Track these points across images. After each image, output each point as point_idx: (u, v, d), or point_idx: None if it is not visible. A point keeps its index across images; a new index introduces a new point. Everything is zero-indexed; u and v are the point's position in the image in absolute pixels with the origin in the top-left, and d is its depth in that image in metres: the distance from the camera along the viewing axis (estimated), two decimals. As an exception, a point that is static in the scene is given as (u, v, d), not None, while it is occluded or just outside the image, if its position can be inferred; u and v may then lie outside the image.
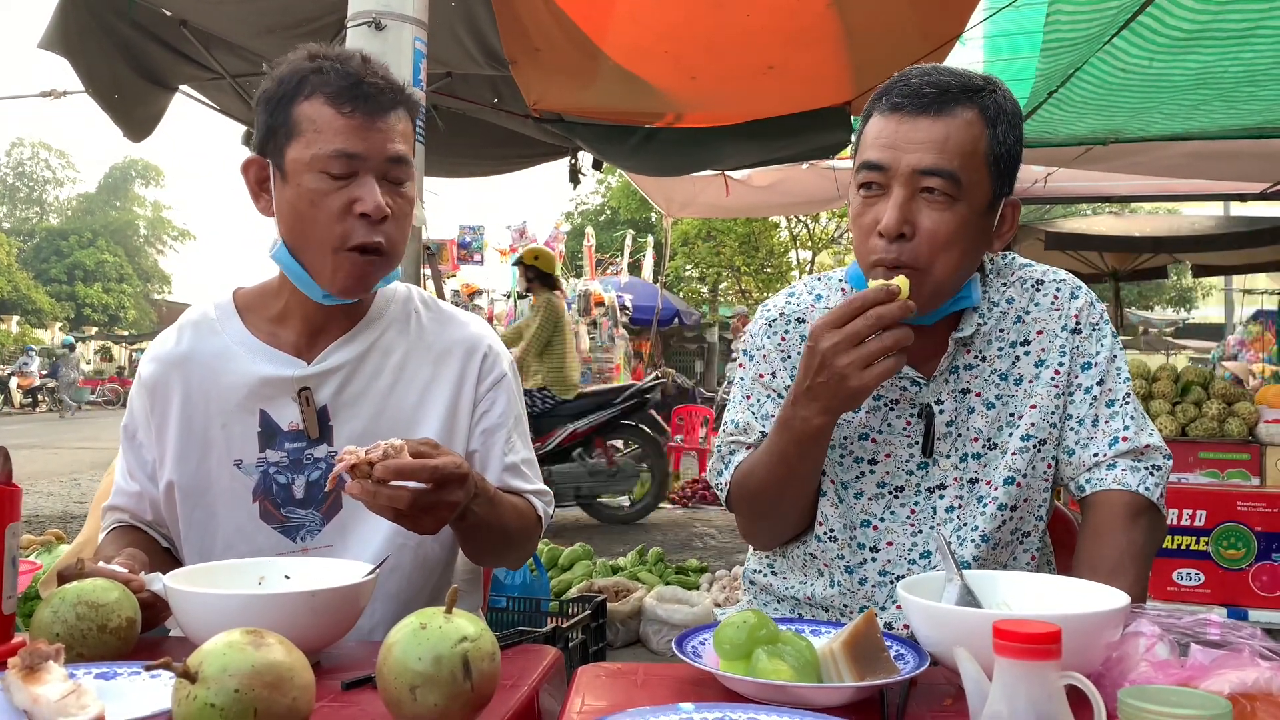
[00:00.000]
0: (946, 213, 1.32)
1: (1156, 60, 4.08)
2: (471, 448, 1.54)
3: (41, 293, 38.63)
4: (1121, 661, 0.98)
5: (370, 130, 1.38)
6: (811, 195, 8.14)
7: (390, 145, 1.39)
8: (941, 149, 1.31)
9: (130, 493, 1.54)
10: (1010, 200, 1.41)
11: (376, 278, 1.45)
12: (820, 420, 1.31)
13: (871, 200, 1.36)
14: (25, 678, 0.91)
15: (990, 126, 1.34)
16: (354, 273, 1.40)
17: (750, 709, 0.91)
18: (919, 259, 1.32)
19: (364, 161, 1.38)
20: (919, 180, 1.32)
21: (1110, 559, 1.35)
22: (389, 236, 1.41)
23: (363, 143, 1.37)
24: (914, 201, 1.32)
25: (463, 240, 10.54)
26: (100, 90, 4.10)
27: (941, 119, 1.32)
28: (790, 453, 1.37)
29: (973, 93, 1.34)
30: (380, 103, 1.39)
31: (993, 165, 1.35)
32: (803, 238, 23.44)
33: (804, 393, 1.30)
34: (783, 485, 1.42)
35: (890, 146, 1.33)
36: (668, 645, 4.06)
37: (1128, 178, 7.35)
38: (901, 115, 1.34)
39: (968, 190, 1.32)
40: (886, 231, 1.32)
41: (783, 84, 4.58)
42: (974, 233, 1.36)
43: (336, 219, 1.38)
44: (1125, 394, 1.47)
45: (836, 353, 1.24)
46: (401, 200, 1.42)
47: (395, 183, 1.41)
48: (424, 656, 0.90)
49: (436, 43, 3.32)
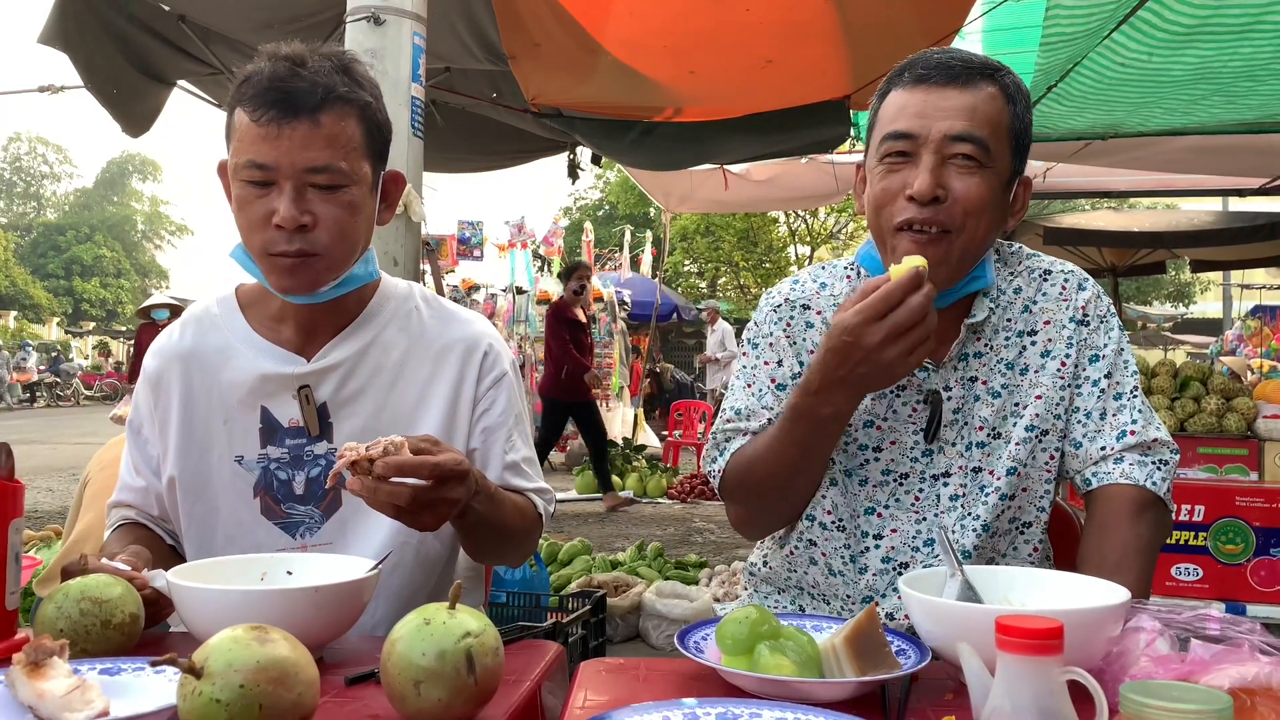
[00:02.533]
0: (975, 177, 1.34)
1: (1156, 55, 4.08)
2: (472, 446, 1.53)
3: (39, 288, 38.58)
4: (1122, 656, 0.99)
5: (282, 139, 1.31)
6: (811, 190, 8.14)
7: (305, 154, 1.32)
8: (971, 116, 1.34)
9: (136, 488, 1.54)
10: (1023, 178, 1.43)
11: (318, 278, 1.39)
12: (848, 406, 1.32)
13: (897, 167, 1.37)
14: (30, 673, 0.91)
15: (1011, 102, 1.37)
16: (284, 276, 1.38)
17: (753, 704, 0.91)
18: (953, 221, 1.33)
19: (276, 171, 1.33)
20: (949, 147, 1.33)
21: (1115, 554, 1.35)
22: (316, 243, 1.35)
23: (273, 152, 1.32)
24: (944, 168, 1.34)
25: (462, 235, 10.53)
26: (99, 85, 4.10)
27: (969, 89, 1.35)
28: (809, 439, 1.36)
29: (993, 70, 1.38)
30: (298, 106, 1.31)
31: (1012, 140, 1.38)
32: (801, 233, 23.44)
33: (835, 382, 1.28)
34: (794, 471, 1.41)
35: (919, 115, 1.35)
36: (667, 640, 4.08)
37: (1126, 173, 7.36)
38: (929, 86, 1.36)
39: (994, 159, 1.35)
40: (920, 195, 1.33)
41: (781, 78, 4.59)
42: (998, 203, 1.38)
43: (258, 227, 1.36)
44: (1133, 387, 1.47)
45: (884, 346, 1.23)
46: (329, 206, 1.35)
47: (325, 188, 1.35)
48: (428, 652, 0.91)
49: (435, 38, 3.32)
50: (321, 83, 1.33)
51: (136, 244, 48.64)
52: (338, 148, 1.34)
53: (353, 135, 1.36)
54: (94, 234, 43.94)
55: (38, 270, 40.83)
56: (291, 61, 1.34)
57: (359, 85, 1.39)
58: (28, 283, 37.65)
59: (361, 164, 1.38)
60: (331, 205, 1.36)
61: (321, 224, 1.35)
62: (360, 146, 1.38)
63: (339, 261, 1.40)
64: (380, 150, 1.44)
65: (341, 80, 1.36)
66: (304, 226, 1.34)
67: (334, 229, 1.36)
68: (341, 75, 1.37)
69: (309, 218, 1.34)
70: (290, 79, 1.32)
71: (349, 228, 1.38)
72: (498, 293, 11.57)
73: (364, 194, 1.40)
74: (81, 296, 41.23)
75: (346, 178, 1.36)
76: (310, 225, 1.35)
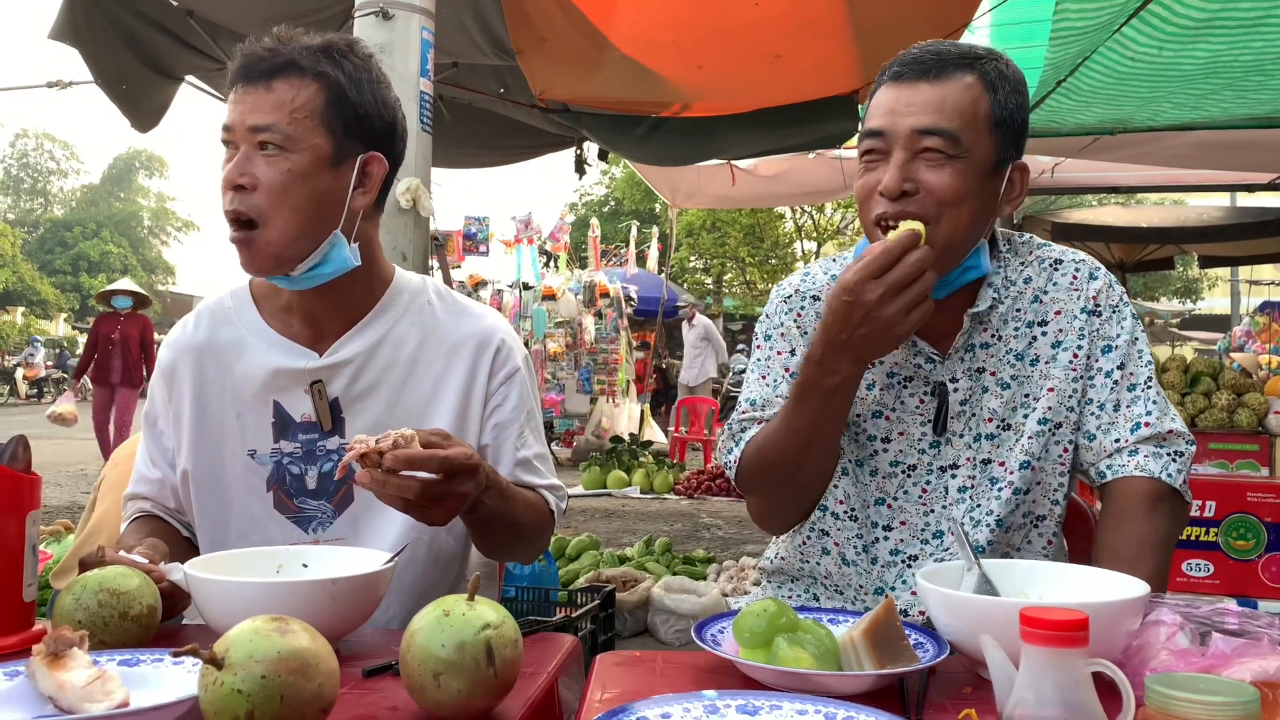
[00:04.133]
0: (946, 169, 1.33)
1: (1166, 49, 4.07)
2: (484, 442, 1.52)
3: (46, 284, 38.67)
4: (1142, 650, 0.98)
5: (241, 103, 1.36)
6: (818, 185, 8.13)
7: (251, 115, 1.35)
8: (939, 110, 1.34)
9: (152, 480, 1.54)
10: (1018, 164, 1.42)
11: (262, 253, 1.38)
12: (851, 371, 1.32)
13: (873, 165, 1.38)
14: (50, 664, 0.92)
15: (991, 90, 1.36)
16: (239, 250, 1.39)
17: (772, 696, 0.91)
18: (927, 212, 1.33)
19: (233, 133, 1.37)
20: (917, 141, 1.34)
21: (1131, 547, 1.34)
22: (251, 205, 1.35)
23: (233, 115, 1.37)
24: (914, 162, 1.34)
25: (468, 231, 10.52)
26: (108, 81, 4.10)
27: (939, 83, 1.35)
28: (817, 413, 1.36)
29: (972, 60, 1.37)
30: (254, 72, 1.36)
31: (995, 128, 1.36)
32: (808, 228, 23.40)
33: (836, 346, 1.29)
34: (806, 448, 1.40)
35: (890, 113, 1.36)
36: (676, 635, 4.08)
37: (1134, 168, 7.33)
38: (902, 83, 1.37)
39: (969, 150, 1.34)
40: (887, 191, 1.34)
41: (790, 73, 4.58)
42: (980, 194, 1.36)
43: (222, 192, 1.39)
44: (1147, 378, 1.46)
45: (883, 303, 1.25)
46: (269, 169, 1.35)
47: (266, 150, 1.35)
48: (447, 643, 0.91)
49: (443, 33, 3.32)
50: (284, 53, 1.37)
51: (143, 240, 48.74)
52: (284, 112, 1.35)
53: (305, 103, 1.36)
54: (100, 230, 44.04)
55: (45, 266, 40.94)
56: (276, 38, 1.38)
57: (332, 61, 1.38)
58: (35, 279, 37.76)
59: (312, 134, 1.37)
60: (271, 169, 1.36)
61: (261, 187, 1.35)
62: (314, 115, 1.37)
63: (285, 235, 1.37)
64: (351, 128, 1.40)
65: (309, 54, 1.37)
66: (241, 187, 1.35)
67: (271, 192, 1.35)
68: (315, 52, 1.38)
69: (247, 178, 1.35)
70: (258, 49, 1.37)
71: (288, 193, 1.36)
72: (504, 288, 11.58)
73: (314, 164, 1.37)
74: (88, 292, 41.29)
75: (289, 142, 1.35)
76: (249, 185, 1.35)
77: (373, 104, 1.43)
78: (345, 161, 1.41)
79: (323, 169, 1.39)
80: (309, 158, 1.37)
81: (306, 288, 1.44)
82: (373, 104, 1.43)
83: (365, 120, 1.42)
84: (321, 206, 1.40)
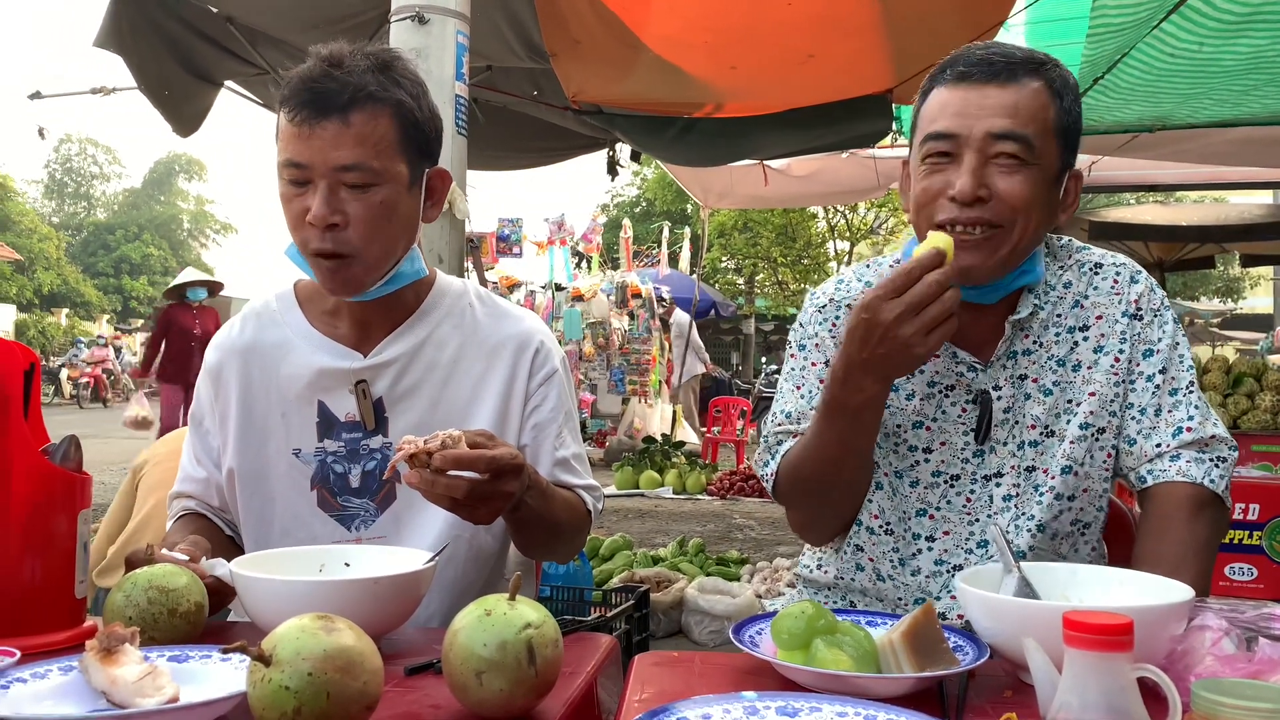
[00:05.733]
0: (1019, 175, 1.32)
1: (1207, 45, 4.00)
2: (523, 442, 1.54)
3: (90, 286, 39.34)
4: (1186, 655, 0.97)
5: (313, 138, 1.34)
6: (851, 185, 8.08)
7: (335, 153, 1.34)
8: (1014, 114, 1.32)
9: (197, 479, 1.57)
10: (1073, 172, 1.42)
11: (358, 280, 1.41)
12: (876, 389, 1.31)
13: (940, 168, 1.36)
14: (103, 660, 0.94)
15: (1056, 97, 1.35)
16: (326, 279, 1.41)
17: (811, 698, 0.91)
18: (1001, 217, 1.33)
19: (310, 170, 1.35)
20: (992, 145, 1.32)
21: (1173, 553, 1.33)
22: (347, 243, 1.37)
23: (305, 151, 1.34)
24: (987, 167, 1.33)
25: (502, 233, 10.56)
26: (151, 86, 4.18)
27: (1011, 86, 1.33)
28: (847, 430, 1.35)
29: (1038, 65, 1.36)
30: (327, 106, 1.34)
31: (1059, 135, 1.36)
32: (841, 228, 23.25)
33: (858, 366, 1.28)
34: (838, 465, 1.40)
35: (961, 114, 1.34)
36: (710, 636, 4.07)
37: (1174, 166, 7.22)
38: (970, 84, 1.34)
39: (1039, 156, 1.33)
40: (962, 195, 1.32)
41: (823, 72, 4.56)
42: (1045, 200, 1.36)
43: (297, 225, 1.39)
44: (1189, 383, 1.44)
45: (901, 322, 1.23)
46: (360, 206, 1.36)
47: (355, 187, 1.36)
48: (489, 642, 0.92)
49: (478, 36, 3.34)
50: (353, 82, 1.35)
51: (183, 242, 49.44)
52: (368, 146, 1.35)
53: (385, 134, 1.37)
54: (142, 233, 44.72)
55: (88, 269, 41.66)
56: (328, 62, 1.36)
57: (395, 83, 1.39)
58: (79, 281, 38.41)
59: (395, 162, 1.39)
60: (362, 204, 1.37)
61: (353, 223, 1.37)
62: (393, 145, 1.38)
63: (375, 261, 1.41)
64: (420, 147, 1.43)
65: (375, 79, 1.37)
66: (335, 225, 1.36)
67: (365, 229, 1.37)
68: (377, 74, 1.37)
69: (340, 217, 1.36)
70: (322, 79, 1.35)
71: (382, 227, 1.39)
72: (536, 290, 11.62)
73: (398, 192, 1.40)
74: (130, 294, 42.01)
75: (378, 176, 1.37)
76: (341, 224, 1.36)
77: (429, 119, 1.46)
78: (417, 182, 1.45)
79: (404, 194, 1.42)
80: (394, 187, 1.40)
81: (372, 298, 1.47)
82: (429, 119, 1.46)
83: (426, 137, 1.45)
84: (407, 230, 1.45)
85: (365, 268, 1.40)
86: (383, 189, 1.38)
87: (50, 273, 35.85)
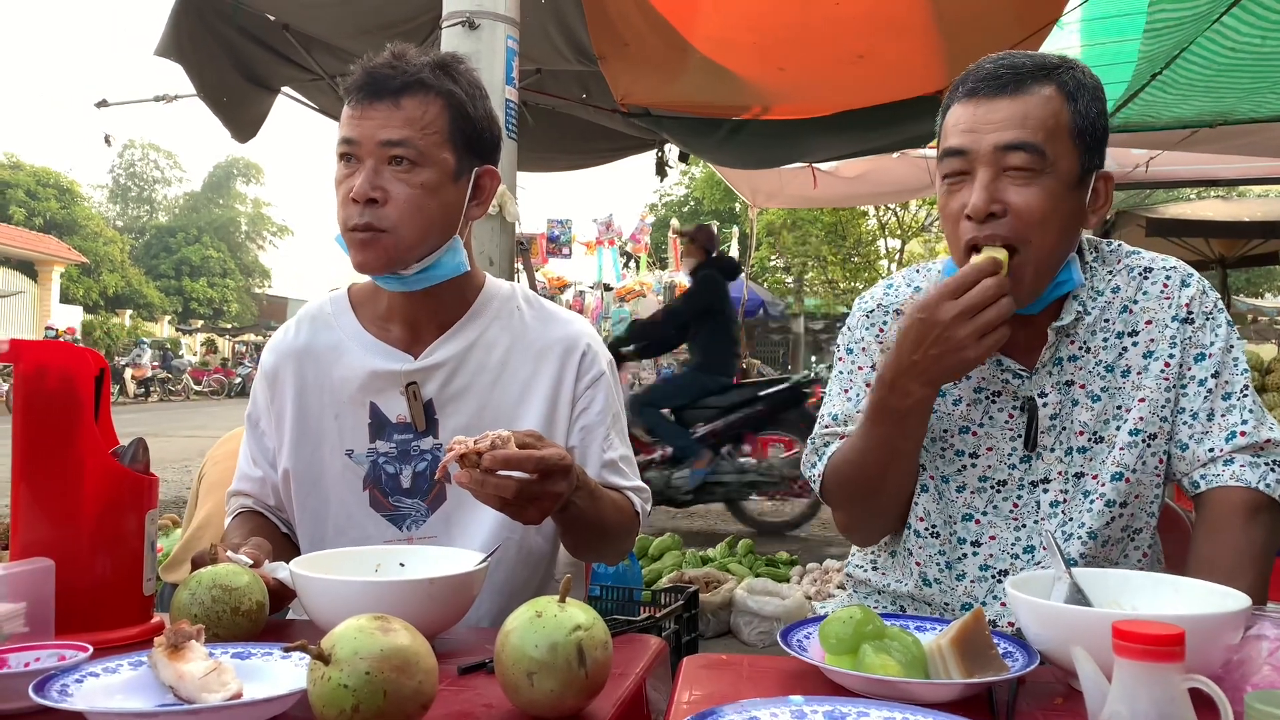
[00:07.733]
0: (1033, 187, 1.31)
1: (1270, 38, 3.90)
2: (571, 444, 1.56)
3: (152, 288, 40.30)
4: (1242, 665, 0.96)
5: (365, 118, 1.41)
6: (902, 184, 8.00)
7: (383, 131, 1.40)
8: (1022, 124, 1.31)
9: (254, 478, 1.61)
10: (1102, 173, 1.39)
11: (389, 255, 1.43)
12: (924, 393, 1.32)
13: (957, 187, 1.36)
14: (170, 655, 0.97)
15: (1070, 100, 1.34)
16: (357, 251, 1.44)
17: (860, 703, 0.91)
18: (1015, 234, 1.32)
19: (359, 147, 1.41)
20: (1002, 158, 1.31)
21: (1228, 559, 1.31)
22: (383, 218, 1.41)
23: (357, 129, 1.41)
24: (999, 181, 1.32)
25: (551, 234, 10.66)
26: (210, 94, 4.28)
27: (1019, 97, 1.32)
28: (893, 434, 1.37)
29: (1049, 70, 1.35)
30: (380, 89, 1.41)
31: (1077, 138, 1.34)
32: (891, 225, 23.01)
33: (908, 368, 1.30)
34: (884, 468, 1.41)
35: (970, 130, 1.34)
36: (759, 637, 4.07)
37: (1235, 159, 7.03)
38: (978, 99, 1.34)
39: (1054, 164, 1.32)
40: (974, 212, 1.32)
41: (873, 73, 4.51)
42: (1066, 208, 1.34)
43: (342, 204, 1.44)
44: (1243, 386, 1.42)
45: (957, 323, 1.26)
46: (402, 184, 1.41)
47: (399, 165, 1.41)
48: (540, 644, 0.94)
49: (527, 40, 3.37)
50: (408, 70, 1.42)
51: (240, 244, 50.43)
52: (415, 128, 1.41)
53: (434, 120, 1.42)
54: (201, 235, 45.70)
55: (150, 271, 42.66)
56: (392, 54, 1.43)
57: (451, 79, 1.45)
58: (141, 283, 39.36)
59: (441, 149, 1.43)
60: (404, 183, 1.41)
61: (392, 200, 1.41)
62: (441, 132, 1.43)
63: (408, 241, 1.43)
64: (470, 142, 1.47)
65: (432, 72, 1.43)
66: (374, 200, 1.40)
67: (404, 206, 1.41)
68: (435, 69, 1.44)
69: (379, 192, 1.41)
70: (382, 67, 1.42)
71: (421, 207, 1.42)
72: (585, 290, 11.68)
73: (441, 178, 1.44)
74: (190, 296, 42.95)
75: (422, 156, 1.42)
76: (381, 200, 1.41)
77: (484, 119, 1.50)
78: (464, 175, 1.49)
79: (448, 183, 1.46)
80: (437, 172, 1.44)
81: (415, 289, 1.50)
82: (484, 119, 1.50)
83: (480, 135, 1.49)
84: (446, 218, 1.48)
85: (396, 242, 1.43)
86: (425, 171, 1.42)
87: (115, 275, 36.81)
